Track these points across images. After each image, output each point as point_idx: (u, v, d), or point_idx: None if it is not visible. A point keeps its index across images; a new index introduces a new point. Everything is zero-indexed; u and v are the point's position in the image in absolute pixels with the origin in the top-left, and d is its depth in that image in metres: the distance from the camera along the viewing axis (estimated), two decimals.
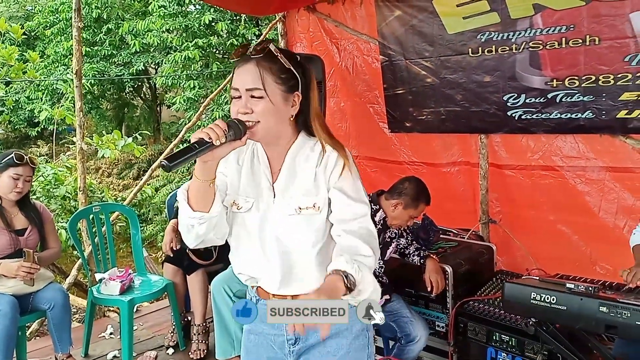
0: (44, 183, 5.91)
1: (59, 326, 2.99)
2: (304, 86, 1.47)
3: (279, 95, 1.42)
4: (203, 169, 1.37)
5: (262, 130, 1.42)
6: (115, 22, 12.62)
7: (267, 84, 1.40)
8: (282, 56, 1.43)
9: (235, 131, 1.36)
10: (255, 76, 1.40)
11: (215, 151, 1.34)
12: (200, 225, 1.43)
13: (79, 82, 4.03)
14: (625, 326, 1.90)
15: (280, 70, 1.42)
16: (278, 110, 1.42)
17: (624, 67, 2.83)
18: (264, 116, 1.40)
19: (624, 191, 3.05)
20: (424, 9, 3.47)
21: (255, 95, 1.40)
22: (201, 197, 1.42)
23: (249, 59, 1.42)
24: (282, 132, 1.48)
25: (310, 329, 1.48)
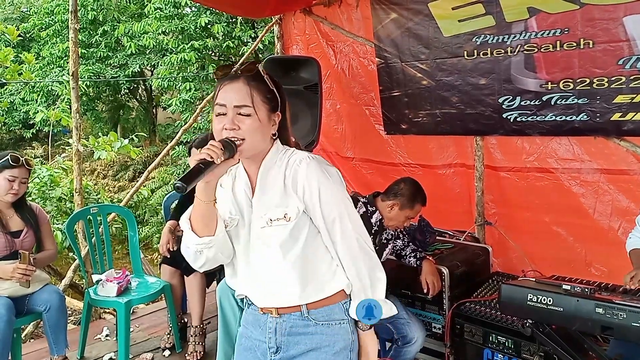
0: (39, 185, 5.89)
1: (55, 328, 2.98)
2: (282, 106, 1.54)
3: (264, 113, 1.48)
4: (206, 190, 1.43)
5: (248, 147, 1.46)
6: (111, 24, 12.60)
7: (256, 102, 1.46)
8: (268, 78, 1.51)
9: (229, 150, 1.41)
10: (244, 94, 1.45)
11: (215, 170, 1.39)
12: (209, 249, 1.49)
13: (75, 84, 4.03)
14: (621, 327, 1.91)
15: (266, 90, 1.49)
16: (264, 128, 1.48)
17: (617, 70, 2.85)
18: (251, 133, 1.45)
19: (618, 193, 3.07)
20: (420, 12, 3.49)
21: (242, 112, 1.45)
22: (206, 221, 1.47)
23: (238, 76, 1.48)
24: (264, 148, 1.53)
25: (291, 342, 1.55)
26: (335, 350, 1.54)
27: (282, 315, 1.54)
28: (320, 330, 1.53)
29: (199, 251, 1.48)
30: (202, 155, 1.38)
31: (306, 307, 1.53)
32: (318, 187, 1.48)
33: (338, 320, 1.55)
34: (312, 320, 1.53)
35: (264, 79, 1.50)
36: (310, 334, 1.53)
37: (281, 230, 1.49)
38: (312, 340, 1.54)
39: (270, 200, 1.51)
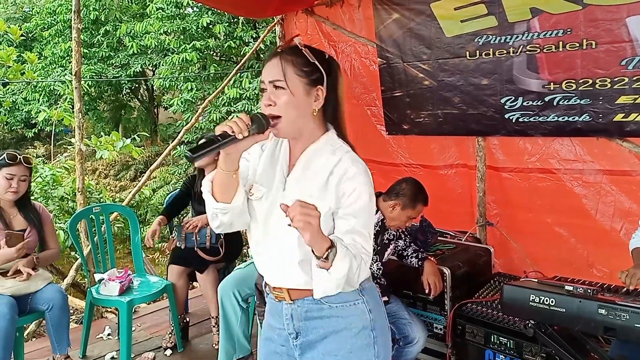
0: (41, 184, 5.90)
1: (58, 327, 2.98)
2: (329, 82, 1.50)
3: (300, 87, 1.46)
4: (226, 161, 1.42)
5: (285, 125, 1.46)
6: (113, 24, 12.63)
7: (288, 75, 1.44)
8: (307, 50, 1.48)
9: (258, 125, 1.39)
10: (277, 69, 1.45)
11: (239, 144, 1.38)
12: (224, 215, 1.49)
13: (78, 84, 4.04)
14: (624, 328, 1.91)
15: (303, 63, 1.46)
16: (299, 102, 1.46)
17: (620, 71, 2.84)
18: (286, 108, 1.44)
19: (620, 194, 3.06)
20: (422, 12, 3.49)
21: (277, 85, 1.45)
22: (225, 188, 1.47)
23: (276, 53, 1.48)
24: (304, 126, 1.50)
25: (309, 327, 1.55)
26: (355, 332, 1.53)
27: (295, 301, 1.54)
28: (335, 312, 1.52)
29: (215, 214, 1.50)
30: (224, 128, 1.36)
31: None
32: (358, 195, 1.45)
33: (352, 301, 1.53)
34: (326, 304, 1.52)
35: (301, 52, 1.48)
36: (326, 317, 1.53)
37: None
38: (329, 324, 1.53)
39: (307, 188, 1.48)
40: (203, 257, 3.44)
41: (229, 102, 10.45)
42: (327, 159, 1.50)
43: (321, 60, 1.49)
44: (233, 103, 10.41)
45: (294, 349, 1.59)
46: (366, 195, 1.46)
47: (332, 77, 1.51)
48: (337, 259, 1.35)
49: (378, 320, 1.57)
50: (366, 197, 1.46)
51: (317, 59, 1.48)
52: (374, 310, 1.56)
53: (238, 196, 1.48)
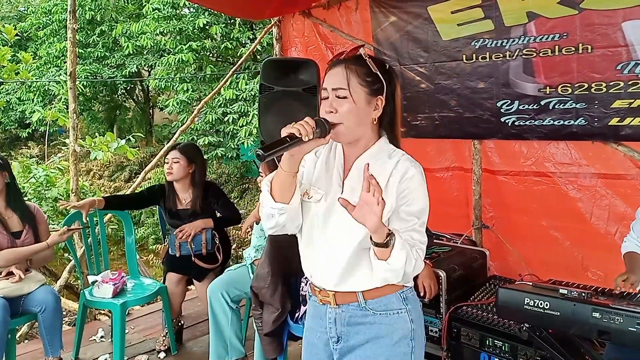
0: (35, 185, 5.88)
1: (50, 329, 2.96)
2: (389, 92, 1.55)
3: (362, 96, 1.51)
4: (289, 162, 1.47)
5: (344, 131, 1.50)
6: (108, 24, 12.60)
7: (352, 85, 1.50)
8: (370, 61, 1.53)
9: (322, 129, 1.45)
10: (341, 77, 1.51)
11: (303, 146, 1.44)
12: (280, 215, 1.54)
13: (72, 84, 4.02)
14: (618, 332, 1.91)
15: (366, 73, 1.52)
16: (360, 111, 1.50)
17: (616, 75, 2.86)
18: (347, 116, 1.49)
19: (615, 198, 3.07)
20: (419, 16, 3.49)
21: (339, 95, 1.50)
22: (284, 189, 1.52)
23: (340, 62, 1.54)
24: (363, 134, 1.55)
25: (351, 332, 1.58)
26: (395, 340, 1.56)
27: (340, 305, 1.58)
28: (379, 319, 1.56)
29: (271, 214, 1.53)
30: (292, 130, 1.41)
31: (362, 296, 1.55)
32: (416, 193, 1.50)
33: (396, 309, 1.57)
34: (370, 310, 1.55)
35: (365, 62, 1.52)
36: (369, 323, 1.56)
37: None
38: (371, 330, 1.56)
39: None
40: (201, 266, 3.42)
41: (225, 103, 10.43)
42: (384, 162, 1.54)
43: (383, 70, 1.54)
44: (229, 104, 10.39)
45: (334, 352, 1.63)
46: (424, 196, 1.52)
47: (392, 87, 1.56)
48: (396, 249, 1.40)
49: (418, 330, 1.61)
50: (424, 198, 1.52)
51: (379, 69, 1.53)
52: (415, 320, 1.60)
53: (295, 198, 1.54)
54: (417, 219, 1.51)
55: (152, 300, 3.81)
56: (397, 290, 1.58)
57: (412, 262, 1.44)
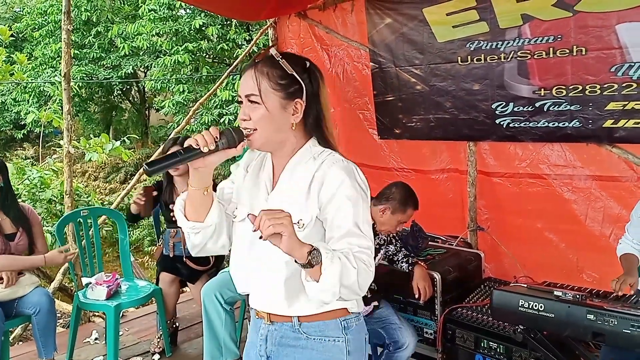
0: (29, 186, 5.85)
1: (44, 331, 2.95)
2: (310, 93, 1.41)
3: (275, 101, 1.37)
4: (194, 176, 1.36)
5: (259, 138, 1.38)
6: (104, 25, 12.57)
7: (263, 90, 1.36)
8: (285, 61, 1.38)
9: (229, 139, 1.33)
10: (252, 82, 1.37)
11: (207, 158, 1.32)
12: (195, 235, 1.41)
13: (67, 85, 4.00)
14: (613, 334, 1.92)
15: (280, 76, 1.38)
16: (274, 117, 1.37)
17: (610, 77, 2.86)
18: (260, 123, 1.37)
19: (610, 200, 3.08)
20: (414, 17, 3.49)
21: (252, 100, 1.37)
22: (196, 206, 1.39)
23: (251, 65, 1.40)
24: (284, 140, 1.42)
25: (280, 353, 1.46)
26: None
27: (274, 322, 1.46)
28: (311, 345, 1.42)
29: (187, 234, 1.42)
30: (190, 140, 1.30)
31: (297, 319, 1.43)
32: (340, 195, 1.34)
33: (332, 337, 1.43)
34: (304, 334, 1.43)
35: (278, 63, 1.38)
36: (300, 347, 1.43)
37: None
38: (301, 355, 1.44)
39: (288, 202, 1.37)
40: (193, 268, 3.41)
41: (221, 104, 10.42)
42: (307, 167, 1.41)
43: (301, 70, 1.40)
44: (225, 105, 10.38)
45: None
46: (352, 192, 1.35)
47: (314, 87, 1.43)
48: (325, 265, 1.22)
49: None
50: (352, 195, 1.35)
51: (297, 69, 1.39)
52: (353, 353, 1.44)
53: (212, 215, 1.40)
54: (345, 220, 1.33)
55: (147, 302, 3.80)
56: (338, 317, 1.43)
57: (350, 272, 1.24)
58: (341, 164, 1.38)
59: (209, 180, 1.37)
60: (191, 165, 1.33)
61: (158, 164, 1.27)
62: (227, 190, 1.50)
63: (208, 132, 1.31)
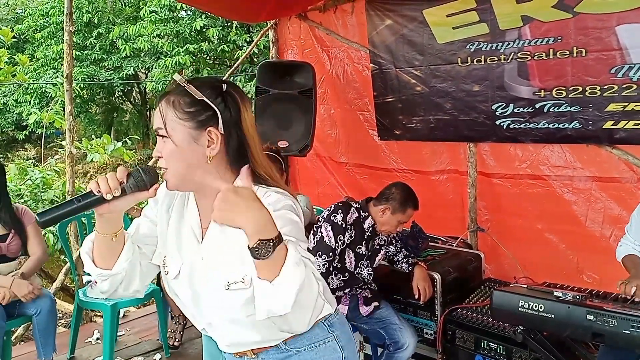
0: (31, 187, 5.86)
1: (44, 332, 2.96)
2: (228, 120, 1.22)
3: (183, 133, 1.20)
4: (100, 223, 1.22)
5: (172, 178, 1.23)
6: (105, 27, 12.58)
7: (168, 122, 1.21)
8: (191, 86, 1.21)
9: (138, 181, 1.18)
10: (158, 114, 1.23)
11: (113, 204, 1.16)
12: (102, 282, 1.29)
13: (69, 86, 4.02)
14: (612, 334, 1.92)
15: (188, 103, 1.21)
16: (183, 152, 1.20)
17: (610, 79, 2.87)
18: (170, 160, 1.22)
19: (610, 201, 3.08)
20: (414, 19, 3.50)
21: (160, 134, 1.22)
22: (104, 253, 1.25)
23: (161, 95, 1.25)
24: (202, 178, 1.23)
25: None
26: None
27: (258, 354, 1.35)
28: (304, 357, 1.34)
29: (95, 280, 1.30)
30: (92, 185, 1.16)
31: (282, 341, 1.34)
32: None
33: (321, 340, 1.35)
34: (293, 350, 1.34)
35: (185, 90, 1.21)
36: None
37: (241, 297, 1.20)
38: None
39: (228, 255, 1.22)
40: None
41: None
42: None
43: (214, 94, 1.22)
44: None
45: None
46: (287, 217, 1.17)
47: (232, 112, 1.23)
48: (288, 265, 1.03)
49: (350, 357, 1.40)
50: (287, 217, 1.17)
51: (208, 93, 1.21)
52: (346, 347, 1.39)
53: (120, 262, 1.25)
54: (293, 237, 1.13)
55: (147, 302, 3.80)
56: (320, 321, 1.35)
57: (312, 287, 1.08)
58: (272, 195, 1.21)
59: (118, 225, 1.23)
60: (96, 212, 1.18)
61: (51, 214, 1.14)
62: (144, 231, 1.34)
63: (113, 175, 1.16)
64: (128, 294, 1.34)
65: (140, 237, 1.34)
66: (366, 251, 2.81)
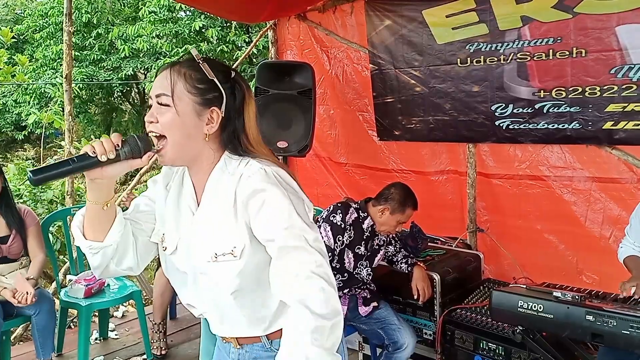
0: (31, 187, 5.86)
1: (43, 332, 2.95)
2: (231, 106, 1.26)
3: (189, 105, 1.22)
4: (92, 189, 1.20)
5: (170, 149, 1.22)
6: (105, 27, 12.57)
7: (177, 90, 1.22)
8: (206, 65, 1.25)
9: (133, 148, 1.18)
10: (165, 81, 1.23)
11: (106, 169, 1.17)
12: (93, 255, 1.25)
13: (68, 86, 4.02)
14: (611, 335, 1.92)
15: (198, 79, 1.24)
16: (185, 123, 1.22)
17: (609, 79, 2.87)
18: (169, 128, 1.22)
19: (609, 201, 3.09)
20: (414, 19, 3.50)
21: (162, 102, 1.22)
22: (95, 223, 1.24)
23: (168, 65, 1.27)
24: (198, 153, 1.26)
25: None
26: None
27: (243, 346, 1.37)
28: None
29: (85, 255, 1.27)
30: (87, 148, 1.16)
31: (266, 337, 1.34)
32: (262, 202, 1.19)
33: None
34: (277, 351, 1.25)
35: (198, 66, 1.24)
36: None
37: (229, 269, 1.23)
38: None
39: (218, 227, 1.25)
40: None
41: None
42: (227, 182, 1.25)
43: (224, 78, 1.26)
44: None
45: None
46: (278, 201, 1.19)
47: (236, 100, 1.27)
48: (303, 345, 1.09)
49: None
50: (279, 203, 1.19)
51: (219, 76, 1.25)
52: None
53: (112, 234, 1.24)
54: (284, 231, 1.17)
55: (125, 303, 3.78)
56: None
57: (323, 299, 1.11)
58: (258, 174, 1.21)
59: (109, 193, 1.22)
60: (87, 176, 1.18)
61: (45, 172, 1.12)
62: (143, 208, 1.34)
63: (108, 138, 1.17)
64: (120, 270, 1.32)
65: (139, 215, 1.35)
66: (365, 251, 2.80)
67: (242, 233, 1.22)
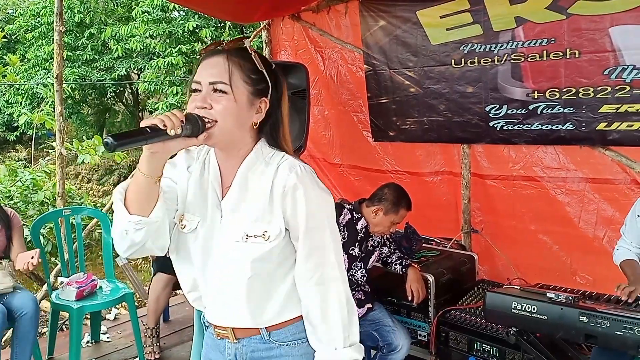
0: (21, 188, 5.82)
1: (22, 340, 2.84)
2: (274, 96, 1.32)
3: (244, 94, 1.27)
4: (150, 162, 1.20)
5: (219, 132, 1.25)
6: (97, 27, 12.52)
7: (234, 80, 1.25)
8: (257, 56, 1.30)
9: (194, 126, 1.20)
10: (222, 69, 1.25)
11: (167, 143, 1.18)
12: (136, 231, 1.24)
13: (59, 87, 3.98)
14: (605, 336, 1.92)
15: (251, 70, 1.28)
16: (240, 111, 1.26)
17: (603, 80, 2.87)
18: (224, 115, 1.24)
19: (603, 202, 3.09)
20: (408, 20, 3.50)
21: (218, 88, 1.25)
22: (143, 198, 1.23)
23: (219, 51, 1.29)
24: (240, 139, 1.31)
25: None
26: None
27: (240, 340, 1.37)
28: (285, 352, 1.35)
29: (125, 231, 1.24)
30: (155, 120, 1.16)
31: (265, 329, 1.35)
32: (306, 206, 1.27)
33: (305, 337, 1.35)
34: (275, 343, 1.35)
35: (250, 57, 1.29)
36: (275, 357, 1.36)
37: (257, 250, 1.27)
38: None
39: (250, 211, 1.29)
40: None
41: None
42: (262, 173, 1.29)
43: (269, 71, 1.32)
44: None
45: None
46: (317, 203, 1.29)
47: (278, 90, 1.34)
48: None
49: None
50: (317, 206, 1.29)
51: (267, 68, 1.31)
52: None
53: (157, 210, 1.25)
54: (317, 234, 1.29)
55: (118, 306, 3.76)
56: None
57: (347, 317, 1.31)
58: (299, 169, 1.28)
59: (161, 168, 1.23)
60: (148, 149, 1.18)
61: (123, 139, 1.12)
62: (167, 189, 1.33)
63: (174, 113, 1.18)
64: (155, 248, 1.31)
65: (165, 195, 1.33)
66: (359, 252, 2.79)
67: (277, 220, 1.28)
